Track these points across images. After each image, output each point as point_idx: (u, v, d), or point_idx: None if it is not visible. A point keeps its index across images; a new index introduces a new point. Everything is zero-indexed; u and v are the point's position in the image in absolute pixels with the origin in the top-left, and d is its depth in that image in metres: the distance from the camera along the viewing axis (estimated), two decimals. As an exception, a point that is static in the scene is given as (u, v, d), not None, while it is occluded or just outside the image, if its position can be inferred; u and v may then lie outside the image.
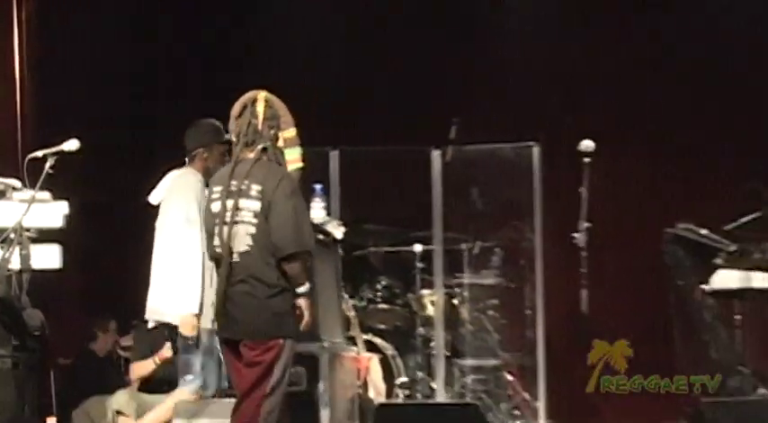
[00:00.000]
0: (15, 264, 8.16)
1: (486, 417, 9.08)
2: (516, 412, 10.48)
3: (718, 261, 10.06)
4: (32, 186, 8.03)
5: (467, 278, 10.68)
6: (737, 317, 10.18)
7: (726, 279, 10.09)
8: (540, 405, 10.25)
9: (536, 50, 11.80)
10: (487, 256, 10.70)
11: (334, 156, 10.25)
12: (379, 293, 10.74)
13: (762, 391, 9.87)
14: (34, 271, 8.29)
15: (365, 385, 9.49)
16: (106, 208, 10.86)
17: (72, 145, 8.08)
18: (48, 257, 8.60)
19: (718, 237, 10.14)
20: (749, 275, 10.03)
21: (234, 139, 7.30)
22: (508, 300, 10.61)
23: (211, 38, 12.04)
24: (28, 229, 8.28)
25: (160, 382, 9.44)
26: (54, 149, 8.03)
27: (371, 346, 10.04)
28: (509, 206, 10.52)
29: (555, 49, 11.80)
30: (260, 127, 7.26)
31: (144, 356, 9.56)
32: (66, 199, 8.62)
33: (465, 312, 10.63)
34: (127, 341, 10.40)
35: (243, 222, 7.10)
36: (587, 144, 8.37)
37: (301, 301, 7.16)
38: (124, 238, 11.08)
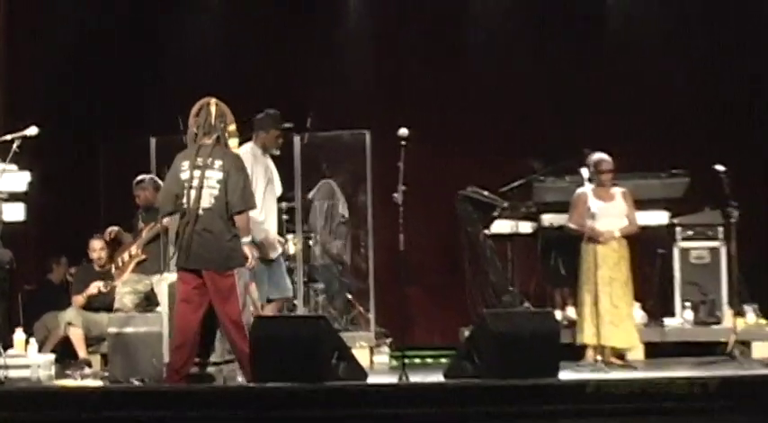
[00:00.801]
0: (-10, 218, 8.46)
1: (333, 325, 8.91)
2: (354, 322, 10.53)
3: (495, 213, 10.58)
4: (3, 161, 8.12)
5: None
6: (509, 253, 10.61)
7: (501, 226, 10.56)
8: (371, 316, 10.31)
9: (368, 61, 11.85)
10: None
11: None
12: (256, 237, 10.80)
13: (526, 305, 10.28)
14: (5, 223, 8.49)
15: (246, 303, 9.61)
16: (58, 176, 10.78)
17: (32, 131, 8.17)
18: (15, 212, 8.83)
19: (495, 196, 10.55)
20: (517, 223, 10.54)
21: (195, 129, 7.65)
22: (349, 241, 10.66)
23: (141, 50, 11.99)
24: (0, 193, 8.50)
25: (102, 303, 9.61)
26: (18, 134, 8.13)
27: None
28: (348, 176, 10.64)
29: (382, 59, 11.87)
30: (213, 122, 7.65)
31: (78, 291, 9.71)
32: (29, 170, 8.76)
33: (317, 250, 10.65)
34: (74, 270, 10.34)
35: (208, 187, 7.47)
36: (403, 131, 8.51)
37: (245, 249, 7.54)
38: (70, 198, 11.14)
